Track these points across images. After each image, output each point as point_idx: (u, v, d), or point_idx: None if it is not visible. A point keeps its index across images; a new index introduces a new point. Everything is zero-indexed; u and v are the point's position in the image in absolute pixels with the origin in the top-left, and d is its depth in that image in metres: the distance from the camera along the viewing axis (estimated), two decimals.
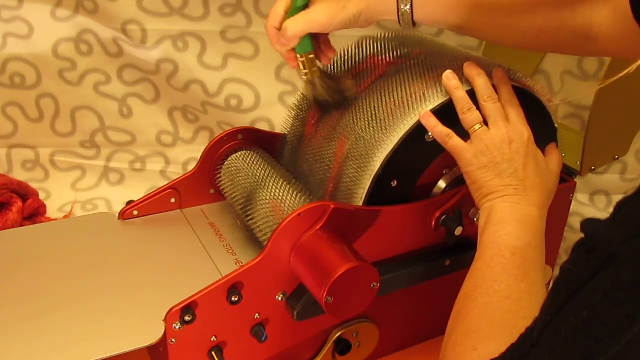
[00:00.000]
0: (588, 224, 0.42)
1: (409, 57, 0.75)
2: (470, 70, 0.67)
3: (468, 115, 0.65)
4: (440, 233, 0.73)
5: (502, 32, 0.65)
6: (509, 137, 0.63)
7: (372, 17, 0.66)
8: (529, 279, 0.55)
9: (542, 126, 0.76)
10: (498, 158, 0.62)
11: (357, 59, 0.78)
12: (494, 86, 0.67)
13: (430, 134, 0.67)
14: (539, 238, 0.60)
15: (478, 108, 0.66)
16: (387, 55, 0.77)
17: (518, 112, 0.65)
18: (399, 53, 0.76)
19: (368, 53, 0.78)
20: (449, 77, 0.66)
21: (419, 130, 0.67)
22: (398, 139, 0.67)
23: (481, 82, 0.66)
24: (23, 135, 1.09)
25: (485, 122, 0.65)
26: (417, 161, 0.70)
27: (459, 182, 0.74)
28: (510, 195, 0.61)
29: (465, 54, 0.78)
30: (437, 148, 0.70)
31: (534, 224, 0.60)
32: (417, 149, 0.68)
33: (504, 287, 0.54)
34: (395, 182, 0.69)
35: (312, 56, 0.70)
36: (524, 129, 0.64)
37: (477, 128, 0.64)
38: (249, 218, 0.76)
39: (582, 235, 0.43)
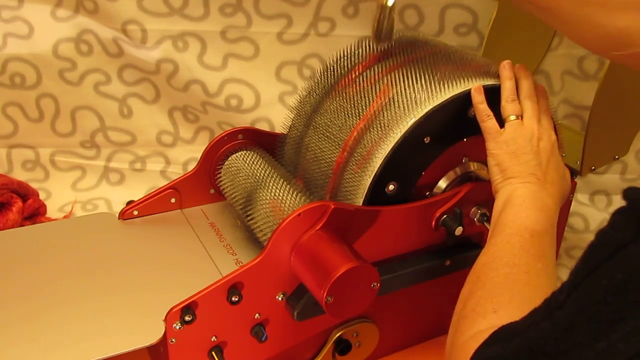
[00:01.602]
0: (631, 191, 0.42)
1: (410, 57, 0.75)
2: (520, 72, 0.71)
3: (510, 105, 0.68)
4: (440, 233, 0.73)
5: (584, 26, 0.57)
6: (539, 134, 0.66)
7: None
8: (545, 261, 0.57)
9: None
10: (526, 149, 0.65)
11: (357, 59, 0.78)
12: None
13: (427, 139, 0.68)
14: (553, 228, 0.62)
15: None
16: (388, 55, 0.77)
17: (549, 121, 0.69)
18: (399, 53, 0.76)
19: (368, 53, 0.78)
20: (506, 67, 0.70)
21: (418, 130, 0.67)
22: (398, 138, 0.67)
23: (526, 84, 0.70)
24: (23, 135, 1.09)
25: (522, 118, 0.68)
26: (417, 161, 0.70)
27: (459, 182, 0.74)
28: (532, 182, 0.63)
29: (465, 54, 0.78)
30: (436, 149, 0.70)
31: (551, 214, 0.62)
32: (417, 149, 0.68)
33: (523, 262, 0.56)
34: (396, 182, 0.69)
35: None
36: (552, 133, 0.68)
37: (512, 118, 0.67)
38: (249, 218, 0.76)
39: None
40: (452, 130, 0.70)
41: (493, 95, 0.70)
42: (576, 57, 1.08)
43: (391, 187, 0.69)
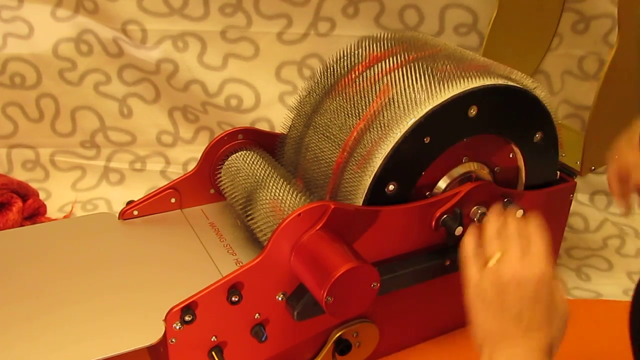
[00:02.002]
0: None
1: (410, 57, 0.75)
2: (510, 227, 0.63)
3: (488, 246, 0.61)
4: (440, 233, 0.73)
5: None
6: (520, 277, 0.57)
7: None
8: None
9: (541, 126, 0.76)
10: (503, 296, 0.57)
11: (357, 59, 0.78)
12: None
13: (427, 139, 0.67)
14: None
15: None
16: (388, 55, 0.77)
17: (539, 247, 0.60)
18: (399, 53, 0.76)
19: (368, 53, 0.78)
20: (468, 234, 0.63)
21: (418, 130, 0.67)
22: (398, 138, 0.67)
23: (510, 222, 0.62)
24: (23, 135, 1.09)
25: None
26: (417, 161, 0.70)
27: (459, 182, 0.74)
28: (509, 341, 0.56)
29: (465, 54, 0.79)
30: (436, 149, 0.70)
31: None
32: (417, 149, 0.68)
33: None
34: (395, 182, 0.69)
35: None
36: (538, 268, 0.58)
37: (490, 264, 0.59)
38: (249, 218, 0.76)
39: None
40: (452, 130, 0.70)
41: (493, 96, 0.70)
42: (576, 57, 1.08)
43: (391, 187, 0.68)
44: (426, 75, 0.70)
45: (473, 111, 0.69)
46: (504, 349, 0.56)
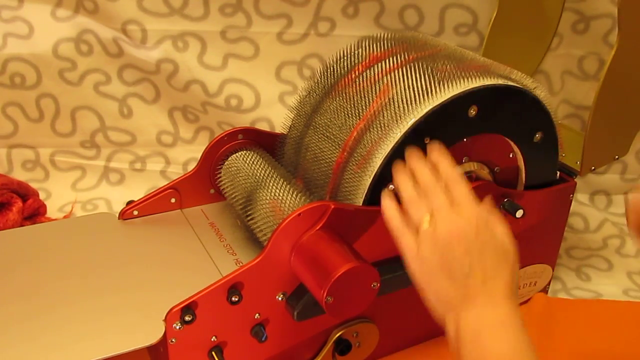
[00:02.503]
0: None
1: (410, 57, 0.75)
2: (410, 163, 0.61)
3: (412, 211, 0.57)
4: None
5: None
6: (457, 230, 0.54)
7: None
8: None
9: (541, 126, 0.76)
10: (448, 257, 0.53)
11: (357, 59, 0.78)
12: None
13: (427, 139, 0.67)
14: (521, 333, 0.51)
15: None
16: (388, 55, 0.77)
17: (461, 190, 0.57)
18: (399, 53, 0.76)
19: (368, 53, 0.78)
20: (398, 171, 0.62)
21: (418, 130, 0.67)
22: (398, 138, 0.67)
23: (419, 175, 0.60)
24: (23, 135, 1.09)
25: None
26: None
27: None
28: (471, 299, 0.53)
29: (465, 54, 0.79)
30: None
31: (509, 321, 0.52)
32: (417, 150, 0.68)
33: None
34: None
35: None
36: (471, 212, 0.55)
37: (424, 227, 0.55)
38: (249, 218, 0.76)
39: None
40: (452, 130, 0.70)
41: (493, 96, 0.70)
42: (576, 57, 1.08)
43: (391, 187, 0.68)
44: (426, 75, 0.70)
45: (473, 111, 0.69)
46: (468, 312, 0.52)
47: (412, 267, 0.56)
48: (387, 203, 0.59)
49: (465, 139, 0.72)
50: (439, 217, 0.55)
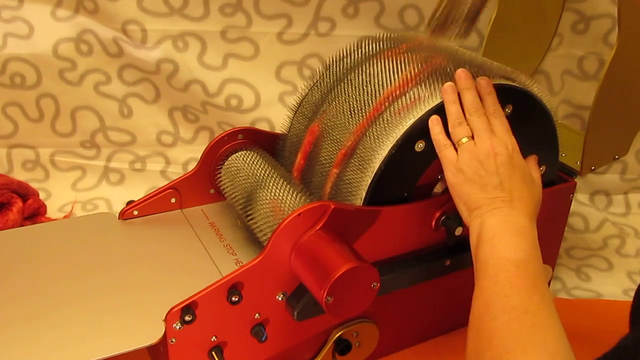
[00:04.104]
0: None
1: (410, 57, 0.75)
2: (460, 83, 0.67)
3: (457, 129, 0.65)
4: (440, 233, 0.73)
5: None
6: (494, 149, 0.63)
7: None
8: (539, 290, 0.54)
9: (542, 126, 0.76)
10: (482, 171, 0.62)
11: (357, 59, 0.78)
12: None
13: (419, 144, 0.67)
14: (535, 248, 0.58)
15: None
16: (388, 55, 0.77)
17: (502, 123, 0.65)
18: (399, 53, 0.76)
19: (368, 53, 0.78)
20: (447, 91, 0.67)
21: (418, 130, 0.67)
22: (398, 138, 0.67)
23: (468, 96, 0.66)
24: (23, 135, 1.09)
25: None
26: (417, 161, 0.70)
27: None
28: (498, 207, 0.60)
29: (465, 55, 0.79)
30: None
31: (528, 233, 0.59)
32: (418, 149, 0.68)
33: (518, 301, 0.53)
34: (396, 181, 0.69)
35: None
36: (508, 140, 0.64)
37: (464, 141, 0.64)
38: (249, 218, 0.76)
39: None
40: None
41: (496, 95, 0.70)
42: (576, 57, 1.08)
43: (392, 185, 0.68)
44: (427, 75, 0.70)
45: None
46: (493, 216, 0.60)
47: (448, 176, 0.64)
48: (435, 120, 0.66)
49: None
50: (479, 136, 0.64)
